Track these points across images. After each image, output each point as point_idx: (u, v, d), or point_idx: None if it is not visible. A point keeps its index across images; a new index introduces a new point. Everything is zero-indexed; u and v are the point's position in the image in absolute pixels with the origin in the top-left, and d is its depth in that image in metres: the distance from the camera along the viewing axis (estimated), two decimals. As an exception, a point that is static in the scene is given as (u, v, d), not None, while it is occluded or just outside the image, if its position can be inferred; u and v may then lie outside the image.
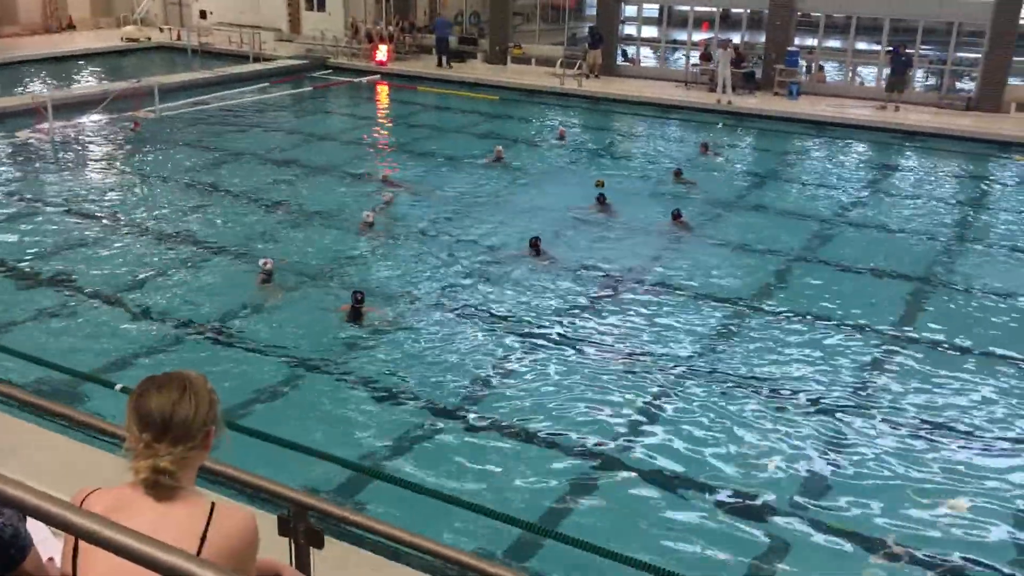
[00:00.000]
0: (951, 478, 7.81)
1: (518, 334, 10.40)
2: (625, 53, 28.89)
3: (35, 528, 2.57)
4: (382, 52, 27.89)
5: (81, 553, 2.28)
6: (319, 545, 3.38)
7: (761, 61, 25.90)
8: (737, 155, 20.43)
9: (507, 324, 10.66)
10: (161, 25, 33.78)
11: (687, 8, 27.86)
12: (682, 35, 29.31)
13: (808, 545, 6.93)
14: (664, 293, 11.75)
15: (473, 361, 9.72)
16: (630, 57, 28.85)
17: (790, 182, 17.99)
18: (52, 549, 2.70)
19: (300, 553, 3.36)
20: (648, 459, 7.95)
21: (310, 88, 25.84)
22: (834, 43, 29.52)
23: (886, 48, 24.39)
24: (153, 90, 21.28)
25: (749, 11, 27.73)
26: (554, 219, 14.57)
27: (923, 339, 10.57)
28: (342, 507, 3.50)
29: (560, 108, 24.24)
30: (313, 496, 3.48)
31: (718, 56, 24.75)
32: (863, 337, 10.58)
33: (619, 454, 8.01)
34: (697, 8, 27.81)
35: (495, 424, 8.44)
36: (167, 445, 2.30)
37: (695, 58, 26.76)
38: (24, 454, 5.70)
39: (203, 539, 2.27)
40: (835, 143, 21.30)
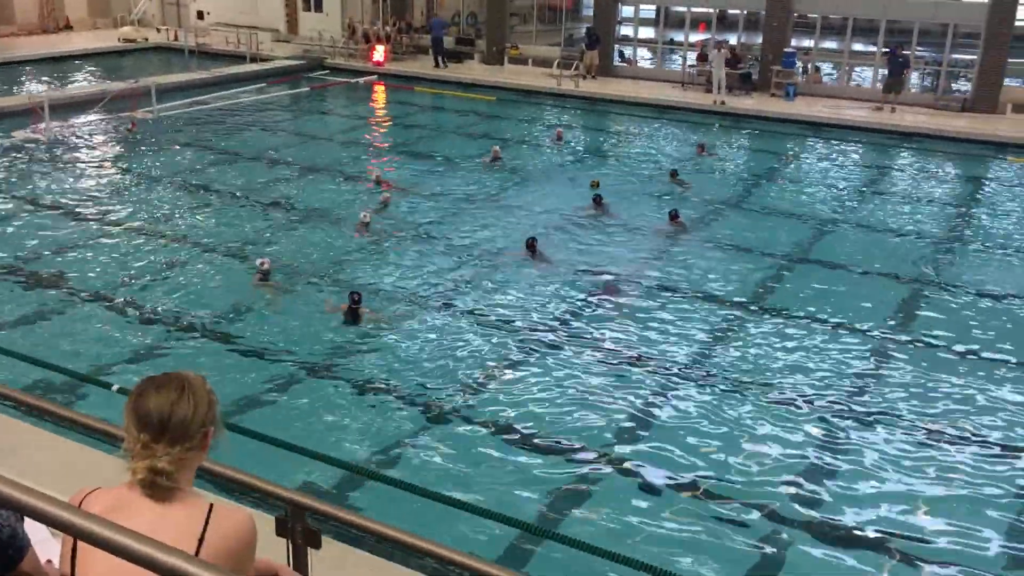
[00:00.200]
0: (949, 479, 7.83)
1: (514, 335, 10.40)
2: (622, 54, 28.91)
3: (34, 529, 2.57)
4: (379, 53, 27.90)
5: (80, 554, 2.28)
6: (316, 546, 3.39)
7: (758, 62, 25.94)
8: (733, 156, 20.46)
9: (503, 325, 10.67)
10: (158, 25, 33.74)
11: (684, 9, 27.90)
12: (679, 36, 29.36)
13: (807, 546, 6.94)
14: (661, 294, 11.76)
15: (469, 362, 9.72)
16: (627, 58, 28.88)
17: (786, 183, 18.02)
18: (51, 550, 2.70)
19: (298, 554, 3.37)
20: (645, 460, 7.95)
21: (307, 89, 25.84)
22: (831, 44, 29.60)
23: (883, 50, 24.42)
24: (150, 90, 21.27)
25: (746, 12, 27.78)
26: (551, 220, 14.59)
27: (919, 340, 10.59)
28: (339, 508, 3.50)
29: (557, 109, 24.25)
30: (310, 497, 3.48)
31: (712, 56, 24.79)
32: (859, 338, 10.59)
33: (616, 455, 8.02)
34: (694, 9, 27.86)
35: (491, 425, 8.45)
36: (165, 446, 2.30)
37: (692, 59, 26.80)
38: (22, 454, 5.70)
39: (201, 540, 2.27)
40: (831, 144, 21.33)
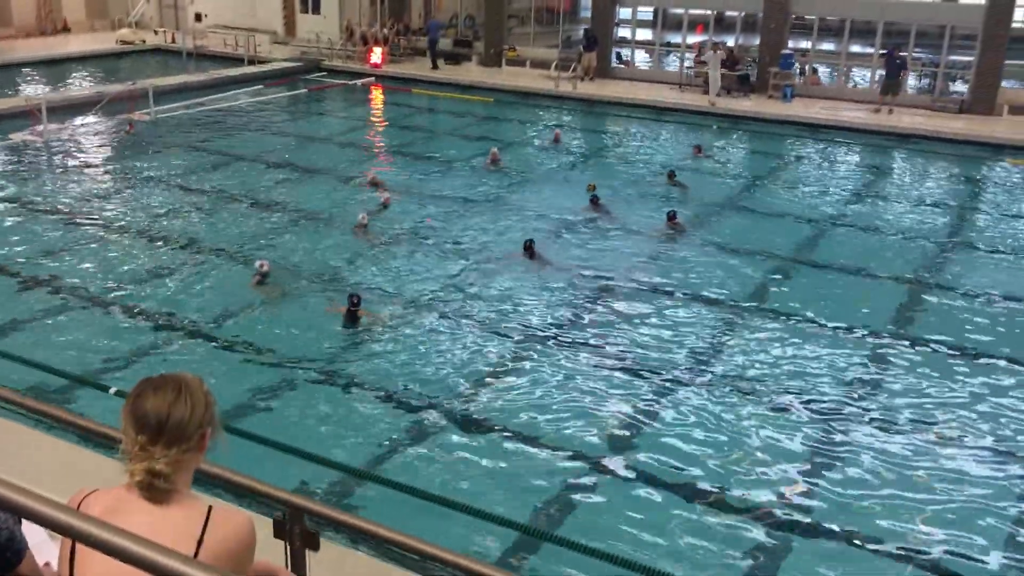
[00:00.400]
0: (948, 483, 7.83)
1: (512, 337, 10.40)
2: (619, 56, 28.93)
3: (32, 531, 2.57)
4: (376, 55, 27.90)
5: (78, 556, 2.28)
6: (315, 547, 3.39)
7: (755, 64, 25.97)
8: (731, 157, 20.47)
9: (501, 327, 10.66)
10: (156, 28, 33.69)
11: (681, 11, 27.93)
12: (676, 38, 29.38)
13: (805, 546, 6.95)
14: (659, 295, 11.77)
15: (468, 364, 9.72)
16: (624, 59, 28.90)
17: (784, 184, 18.04)
18: (49, 552, 2.70)
19: (296, 555, 3.37)
20: (643, 462, 7.95)
21: (305, 91, 25.82)
22: (828, 46, 29.63)
23: (880, 51, 24.46)
24: (148, 92, 21.25)
25: (743, 14, 27.80)
26: (549, 221, 14.59)
27: (917, 341, 10.60)
28: (337, 510, 3.50)
29: (555, 110, 24.26)
30: (308, 498, 3.49)
31: (708, 58, 24.81)
32: (857, 340, 10.60)
33: (614, 457, 8.02)
34: (691, 11, 27.88)
35: (489, 426, 8.45)
36: (162, 447, 2.30)
37: (689, 60, 26.82)
38: (20, 456, 5.70)
39: (200, 542, 2.27)
40: (829, 146, 21.36)
